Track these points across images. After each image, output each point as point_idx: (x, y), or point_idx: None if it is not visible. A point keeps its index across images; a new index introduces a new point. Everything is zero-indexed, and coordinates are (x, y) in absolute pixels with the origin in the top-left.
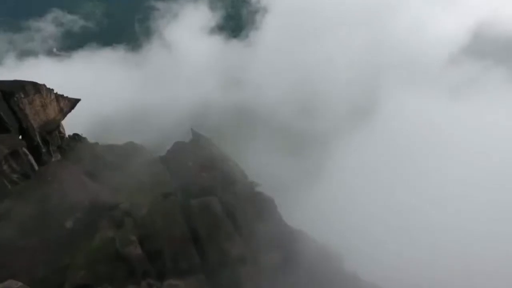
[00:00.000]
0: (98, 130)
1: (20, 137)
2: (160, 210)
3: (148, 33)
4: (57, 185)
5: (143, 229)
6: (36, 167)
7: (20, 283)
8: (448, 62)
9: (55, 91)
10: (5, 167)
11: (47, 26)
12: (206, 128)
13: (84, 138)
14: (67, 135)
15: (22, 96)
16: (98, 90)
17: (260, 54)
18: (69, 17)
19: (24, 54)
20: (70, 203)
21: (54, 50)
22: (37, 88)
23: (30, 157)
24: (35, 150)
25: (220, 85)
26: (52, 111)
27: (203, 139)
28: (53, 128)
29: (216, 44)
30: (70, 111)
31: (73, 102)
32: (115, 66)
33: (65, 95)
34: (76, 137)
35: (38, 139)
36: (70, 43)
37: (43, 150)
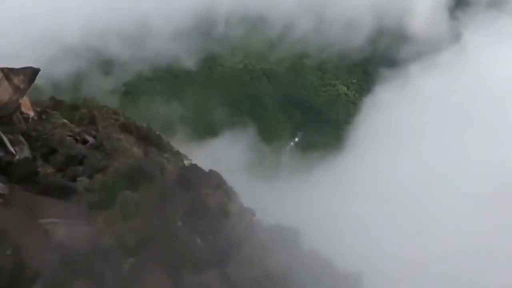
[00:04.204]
0: (92, 43)
1: None
2: None
3: None
4: (12, 250)
5: None
6: None
7: None
8: None
9: (1, 67)
10: None
11: None
12: (212, 41)
13: (59, 102)
14: (32, 115)
15: None
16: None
17: None
18: None
19: None
20: (33, 270)
21: None
22: None
23: None
24: None
25: None
26: (4, 92)
27: (195, 175)
28: (11, 112)
29: None
30: (29, 86)
31: (30, 75)
32: None
33: (16, 67)
34: (43, 115)
35: None
36: None
37: (1, 153)
